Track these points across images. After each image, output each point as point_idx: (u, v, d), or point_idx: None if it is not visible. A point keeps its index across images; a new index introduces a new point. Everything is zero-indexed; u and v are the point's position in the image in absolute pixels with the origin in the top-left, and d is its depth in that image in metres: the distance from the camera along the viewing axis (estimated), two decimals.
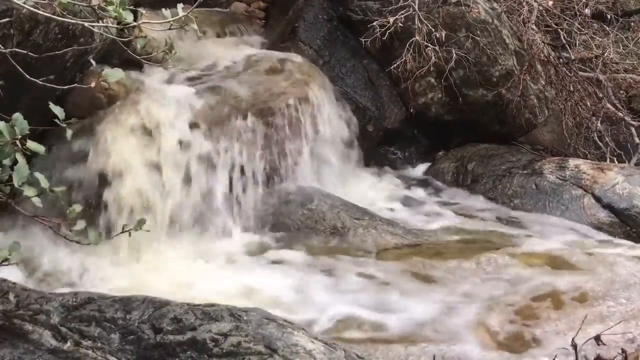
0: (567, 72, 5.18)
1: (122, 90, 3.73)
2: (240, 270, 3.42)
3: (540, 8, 5.18)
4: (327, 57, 4.87)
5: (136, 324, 2.37)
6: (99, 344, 2.32)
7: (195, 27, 1.70)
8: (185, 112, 3.84)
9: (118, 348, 2.31)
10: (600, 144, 5.21)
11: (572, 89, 5.18)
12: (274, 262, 3.52)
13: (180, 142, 3.73)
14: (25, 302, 2.47)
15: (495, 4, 5.03)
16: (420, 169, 4.97)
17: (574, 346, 2.43)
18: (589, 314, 2.69)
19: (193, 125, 3.81)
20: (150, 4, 4.45)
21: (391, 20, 4.51)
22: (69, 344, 2.33)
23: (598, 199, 4.17)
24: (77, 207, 1.64)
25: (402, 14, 4.54)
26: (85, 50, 3.36)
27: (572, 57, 5.22)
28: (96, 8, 1.65)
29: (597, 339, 2.40)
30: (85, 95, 3.61)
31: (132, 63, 3.64)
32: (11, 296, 2.24)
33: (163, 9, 1.81)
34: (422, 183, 4.76)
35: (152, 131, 3.68)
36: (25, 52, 1.86)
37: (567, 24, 5.25)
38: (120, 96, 3.74)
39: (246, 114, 4.01)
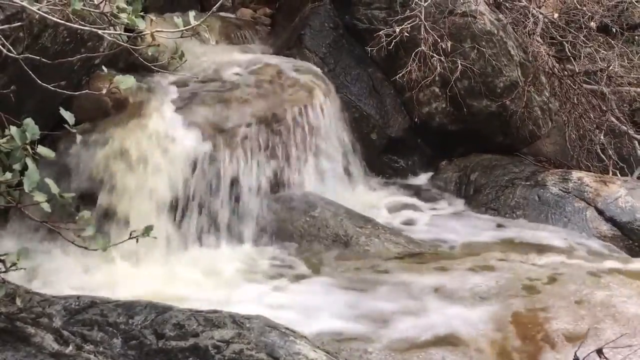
0: (572, 84, 5.19)
1: (128, 95, 3.73)
2: (241, 277, 3.41)
3: (546, 20, 5.19)
4: (333, 64, 4.88)
5: (138, 329, 2.37)
6: (101, 349, 2.32)
7: (208, 35, 1.71)
8: (190, 118, 3.84)
9: (120, 353, 2.31)
10: (603, 156, 5.21)
11: (576, 101, 5.19)
12: (276, 270, 3.51)
13: (184, 149, 3.73)
14: (28, 305, 2.46)
15: (500, 16, 5.04)
16: (423, 178, 4.97)
17: (576, 359, 2.42)
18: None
19: (198, 132, 3.81)
20: (157, 9, 4.47)
21: (397, 29, 4.52)
22: (70, 347, 2.33)
23: (601, 212, 4.17)
24: (87, 214, 1.64)
25: (409, 23, 4.54)
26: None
27: (577, 70, 5.23)
28: (108, 15, 1.66)
29: (599, 352, 2.40)
30: (91, 98, 3.59)
31: (137, 67, 3.65)
32: (18, 300, 2.24)
33: (174, 17, 1.81)
34: (425, 192, 4.76)
35: (155, 138, 3.68)
36: (38, 57, 1.86)
37: (572, 36, 5.25)
38: (125, 101, 3.75)
39: (251, 120, 4.01)
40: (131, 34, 1.72)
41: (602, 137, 5.13)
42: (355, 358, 2.54)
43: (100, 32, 1.66)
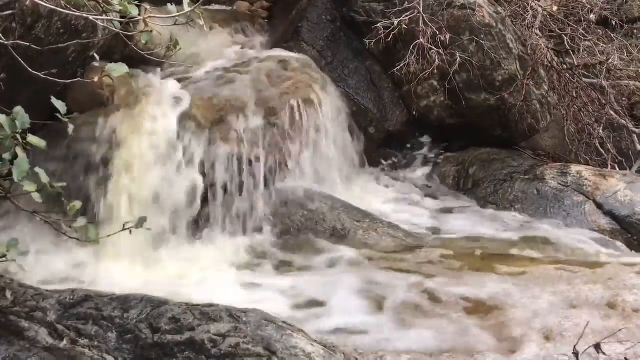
0: (571, 77, 5.16)
1: (123, 87, 3.70)
2: (237, 271, 3.39)
3: (545, 13, 5.16)
4: (330, 58, 4.85)
5: (134, 323, 2.35)
6: (96, 343, 2.30)
7: (202, 22, 1.67)
8: (187, 111, 3.81)
9: (115, 347, 2.29)
10: (601, 150, 5.19)
11: (575, 94, 5.16)
12: (272, 264, 3.49)
13: (181, 142, 3.70)
14: (22, 299, 2.44)
15: (499, 8, 5.01)
16: (421, 172, 4.94)
17: (575, 354, 2.40)
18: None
19: (194, 124, 3.78)
20: (151, 1, 4.43)
21: (395, 22, 4.48)
22: (65, 342, 2.31)
23: (600, 206, 4.15)
24: (78, 204, 1.61)
25: (407, 16, 4.51)
26: (87, 45, 3.32)
27: (576, 63, 5.20)
28: (101, 1, 1.63)
29: (597, 347, 2.38)
30: (86, 91, 3.59)
31: (133, 60, 3.61)
32: (8, 293, 2.21)
33: (168, 4, 1.78)
34: (423, 186, 4.74)
35: (152, 130, 3.65)
36: (27, 44, 1.83)
37: (571, 29, 5.23)
38: (120, 93, 3.71)
39: (248, 113, 3.98)
40: (124, 20, 1.69)
41: (601, 131, 5.11)
42: (350, 352, 2.51)
43: (91, 17, 1.63)
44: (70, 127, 1.76)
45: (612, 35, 5.39)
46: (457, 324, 2.82)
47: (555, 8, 5.25)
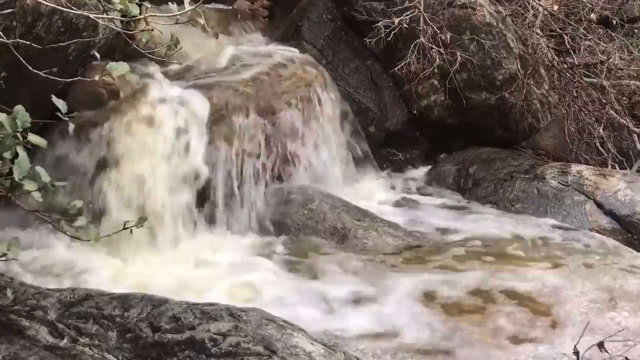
0: (571, 77, 5.16)
1: (123, 86, 3.70)
2: (236, 270, 3.39)
3: (545, 12, 5.16)
4: (331, 56, 4.85)
5: (134, 322, 2.35)
6: (96, 342, 2.30)
7: (203, 21, 1.68)
8: (187, 110, 3.81)
9: (115, 346, 2.29)
10: (602, 150, 5.18)
11: (575, 94, 5.16)
12: (273, 262, 3.49)
13: (181, 141, 3.70)
14: (23, 298, 2.45)
15: (500, 8, 5.01)
16: (421, 171, 4.95)
17: (576, 353, 2.41)
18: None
19: (195, 123, 3.78)
20: (152, 0, 4.43)
21: (396, 21, 4.48)
22: (65, 340, 2.31)
23: (600, 205, 4.15)
24: (78, 203, 1.61)
25: (407, 15, 4.51)
26: (88, 44, 3.32)
27: (576, 62, 5.20)
28: (102, 0, 1.63)
29: (600, 345, 2.38)
30: (87, 90, 3.59)
31: (134, 59, 3.61)
32: (8, 292, 2.21)
33: (169, 3, 1.78)
34: (424, 185, 4.74)
35: (152, 129, 3.65)
36: (28, 42, 1.83)
37: (571, 29, 5.22)
38: (121, 92, 3.71)
39: (248, 112, 3.99)
40: (124, 19, 1.69)
41: (601, 131, 5.11)
42: (350, 351, 2.51)
43: (92, 16, 1.63)
44: (71, 126, 1.76)
45: (612, 34, 5.39)
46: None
47: (555, 7, 5.25)
